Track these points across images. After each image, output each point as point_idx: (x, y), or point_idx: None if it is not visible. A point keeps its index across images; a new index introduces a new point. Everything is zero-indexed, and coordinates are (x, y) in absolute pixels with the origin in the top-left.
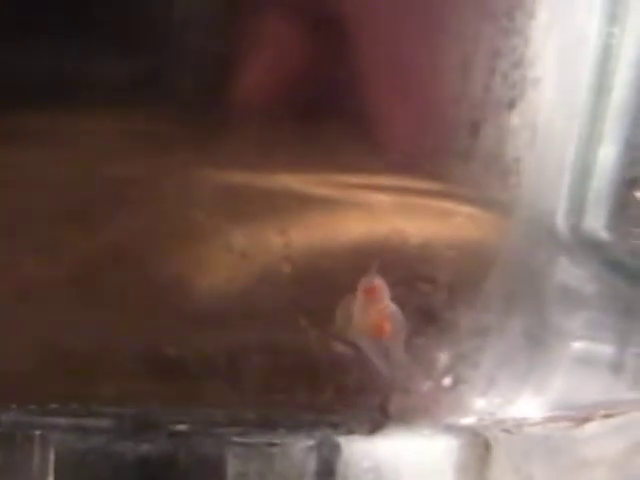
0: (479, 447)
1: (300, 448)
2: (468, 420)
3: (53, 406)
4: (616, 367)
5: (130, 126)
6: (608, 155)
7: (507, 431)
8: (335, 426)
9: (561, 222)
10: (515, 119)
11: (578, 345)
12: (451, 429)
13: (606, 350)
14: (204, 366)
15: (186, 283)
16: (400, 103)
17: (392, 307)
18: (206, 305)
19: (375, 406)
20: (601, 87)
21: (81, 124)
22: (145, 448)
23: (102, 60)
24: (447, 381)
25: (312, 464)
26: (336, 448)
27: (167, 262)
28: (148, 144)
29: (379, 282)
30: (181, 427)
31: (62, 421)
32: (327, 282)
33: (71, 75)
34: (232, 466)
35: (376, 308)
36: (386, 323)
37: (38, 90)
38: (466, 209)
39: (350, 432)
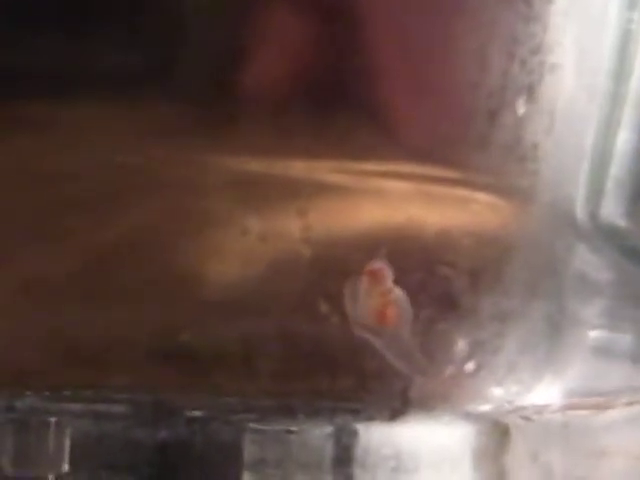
0: (498, 434)
1: (318, 435)
2: (487, 407)
3: (67, 393)
4: (635, 356)
5: (143, 115)
6: (627, 141)
7: (526, 418)
8: (355, 413)
9: (579, 209)
10: (533, 105)
11: (597, 333)
12: (471, 416)
13: (625, 338)
14: (221, 353)
15: (202, 270)
16: (417, 90)
17: (397, 292)
18: (223, 292)
19: (395, 392)
20: (620, 73)
21: (93, 113)
22: (162, 434)
23: (113, 49)
24: (468, 367)
25: (330, 451)
26: (355, 435)
27: (183, 250)
28: (160, 133)
29: (383, 265)
30: (198, 413)
31: (77, 407)
32: (346, 267)
33: (80, 64)
34: (249, 452)
35: (379, 291)
36: (390, 308)
37: (46, 80)
38: (484, 196)
39: (370, 419)
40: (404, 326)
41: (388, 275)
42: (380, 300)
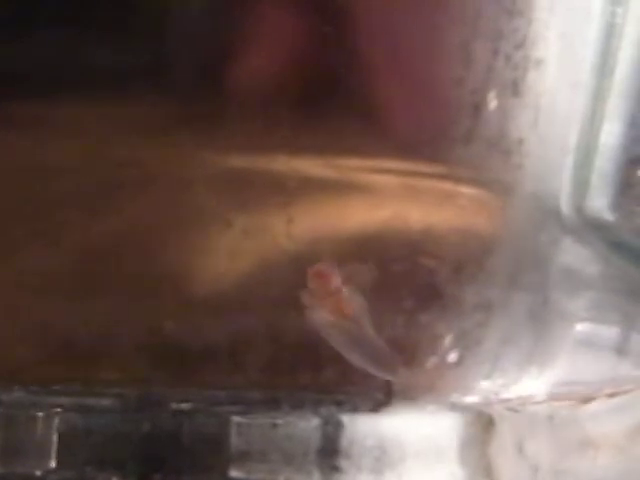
0: (483, 425)
1: (304, 426)
2: (473, 398)
3: (56, 387)
4: (620, 348)
5: (130, 111)
6: (611, 135)
7: (511, 409)
8: (339, 404)
9: (565, 202)
10: (518, 100)
11: (582, 326)
12: (456, 407)
13: (610, 331)
14: (207, 347)
15: (188, 264)
16: (401, 85)
17: (346, 290)
18: (208, 286)
19: (379, 384)
20: (604, 67)
21: (81, 110)
22: (148, 427)
23: (102, 47)
24: (452, 358)
25: (315, 442)
26: (340, 426)
27: (169, 245)
28: (149, 129)
29: (326, 266)
30: (184, 406)
31: (65, 400)
32: (330, 261)
33: (71, 61)
34: (235, 444)
35: (329, 292)
36: (343, 306)
37: (39, 77)
38: (469, 191)
39: (354, 410)
40: (361, 320)
41: (333, 275)
42: (331, 300)
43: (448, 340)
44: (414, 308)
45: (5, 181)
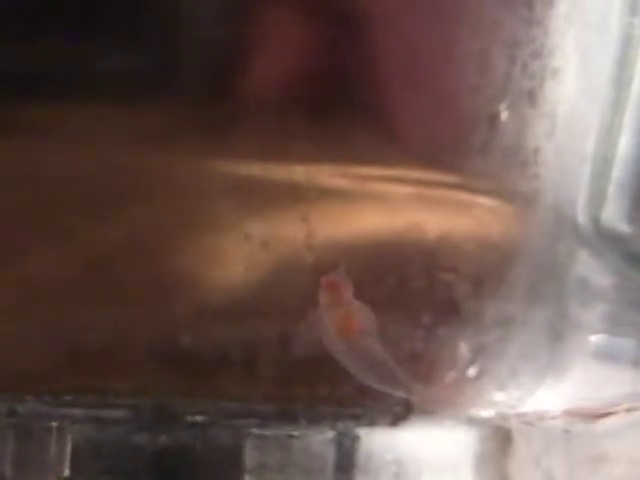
0: (500, 439)
1: (320, 440)
2: (490, 412)
3: (69, 398)
4: (637, 361)
5: (144, 118)
6: (629, 146)
7: (528, 423)
8: (356, 418)
9: (581, 213)
10: (535, 110)
11: (598, 338)
12: (473, 421)
13: (626, 344)
14: (222, 358)
15: (205, 275)
16: (418, 94)
17: (357, 303)
18: (225, 297)
19: (397, 398)
20: (621, 77)
21: (93, 116)
22: (162, 439)
23: (114, 53)
24: (470, 372)
25: (332, 456)
26: (357, 440)
27: (184, 254)
28: (162, 136)
29: (339, 277)
30: (199, 418)
31: (79, 412)
32: (348, 273)
33: (82, 67)
34: (250, 458)
35: (340, 303)
36: (352, 320)
37: (49, 82)
38: (485, 201)
39: (372, 424)
40: (368, 336)
41: (346, 287)
42: (340, 312)
43: (467, 355)
44: (432, 322)
45: (13, 188)
